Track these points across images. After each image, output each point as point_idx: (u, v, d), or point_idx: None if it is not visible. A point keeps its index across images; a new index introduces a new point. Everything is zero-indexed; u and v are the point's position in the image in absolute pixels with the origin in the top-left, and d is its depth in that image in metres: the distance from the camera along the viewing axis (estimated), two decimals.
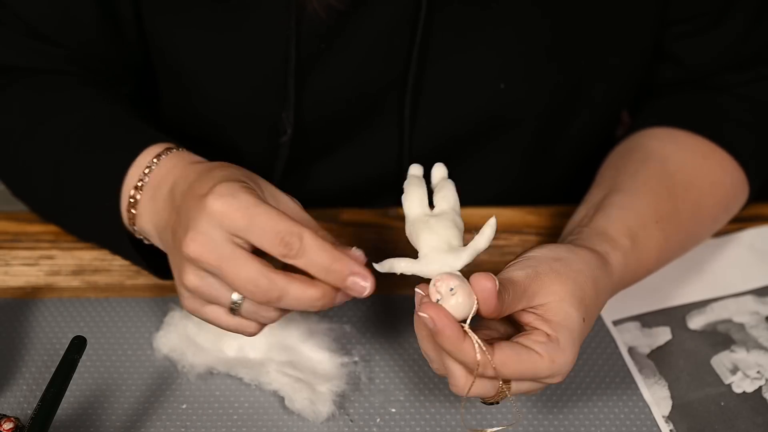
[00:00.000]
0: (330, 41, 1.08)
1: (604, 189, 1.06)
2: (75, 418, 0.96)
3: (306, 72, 1.09)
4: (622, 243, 0.98)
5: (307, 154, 1.16)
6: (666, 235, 1.03)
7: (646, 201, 1.04)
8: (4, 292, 1.07)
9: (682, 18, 1.13)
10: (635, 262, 0.99)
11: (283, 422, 0.96)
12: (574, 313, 0.88)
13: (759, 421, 0.98)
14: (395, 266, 0.86)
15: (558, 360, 0.86)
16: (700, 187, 1.08)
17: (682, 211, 1.05)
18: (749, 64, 1.15)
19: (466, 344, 0.83)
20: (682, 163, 1.09)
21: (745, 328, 1.05)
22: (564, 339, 0.86)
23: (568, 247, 0.94)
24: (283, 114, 1.11)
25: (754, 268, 1.11)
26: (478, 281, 0.84)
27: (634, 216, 1.02)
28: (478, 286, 0.84)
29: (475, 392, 0.85)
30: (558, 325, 0.87)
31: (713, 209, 1.09)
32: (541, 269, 0.89)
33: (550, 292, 0.88)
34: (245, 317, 0.88)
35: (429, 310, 0.83)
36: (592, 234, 0.99)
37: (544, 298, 0.88)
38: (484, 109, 1.13)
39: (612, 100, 1.18)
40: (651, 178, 1.06)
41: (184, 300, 0.89)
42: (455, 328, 0.82)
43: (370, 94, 1.12)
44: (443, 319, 0.82)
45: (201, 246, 0.85)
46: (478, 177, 1.20)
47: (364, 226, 1.14)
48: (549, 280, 0.88)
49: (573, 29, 1.10)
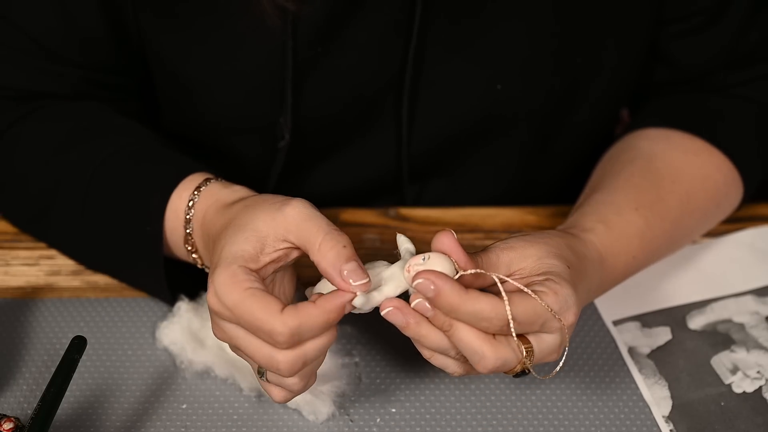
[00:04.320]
0: (326, 45, 1.07)
1: (588, 191, 1.07)
2: (75, 418, 0.96)
3: (303, 77, 1.09)
4: (592, 227, 0.99)
5: (305, 157, 1.16)
6: (648, 221, 1.03)
7: (625, 193, 1.04)
8: (4, 292, 1.07)
9: (677, 17, 1.13)
10: (613, 243, 0.99)
11: (283, 422, 0.96)
12: (556, 262, 0.88)
13: (759, 421, 0.98)
14: (371, 300, 0.86)
15: (560, 291, 0.86)
16: (690, 181, 1.08)
17: (667, 200, 1.05)
18: (746, 63, 1.15)
19: (470, 293, 0.83)
20: (671, 158, 1.09)
21: (745, 328, 1.05)
22: (557, 278, 0.87)
23: (538, 232, 0.94)
24: (280, 119, 1.11)
25: (754, 268, 1.11)
26: (437, 239, 0.85)
27: (609, 207, 1.02)
28: (439, 243, 0.85)
29: (501, 356, 0.84)
30: (546, 273, 0.87)
31: (704, 203, 1.09)
32: (509, 241, 0.90)
33: (526, 255, 0.89)
34: (272, 382, 0.88)
35: (421, 274, 0.83)
36: (563, 227, 1.00)
37: (522, 263, 0.88)
38: (481, 109, 1.13)
39: (609, 98, 1.18)
40: (634, 174, 1.06)
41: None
42: (453, 281, 0.83)
43: (367, 96, 1.12)
44: (439, 276, 0.83)
45: (214, 315, 0.87)
46: (477, 176, 1.20)
47: (364, 226, 1.14)
48: (521, 246, 0.89)
49: (570, 29, 1.10)
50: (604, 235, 0.99)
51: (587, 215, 1.01)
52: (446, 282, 0.83)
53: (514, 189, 1.21)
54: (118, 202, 1.02)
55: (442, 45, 1.09)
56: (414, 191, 1.20)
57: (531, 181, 1.22)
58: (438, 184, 1.20)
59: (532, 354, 0.85)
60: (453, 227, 1.13)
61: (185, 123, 1.17)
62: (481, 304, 0.83)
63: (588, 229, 0.99)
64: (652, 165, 1.07)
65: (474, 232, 1.14)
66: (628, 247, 1.01)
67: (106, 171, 1.03)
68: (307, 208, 0.88)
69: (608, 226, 1.00)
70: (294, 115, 1.11)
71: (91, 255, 1.07)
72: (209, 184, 0.98)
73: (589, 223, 1.00)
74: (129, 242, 1.02)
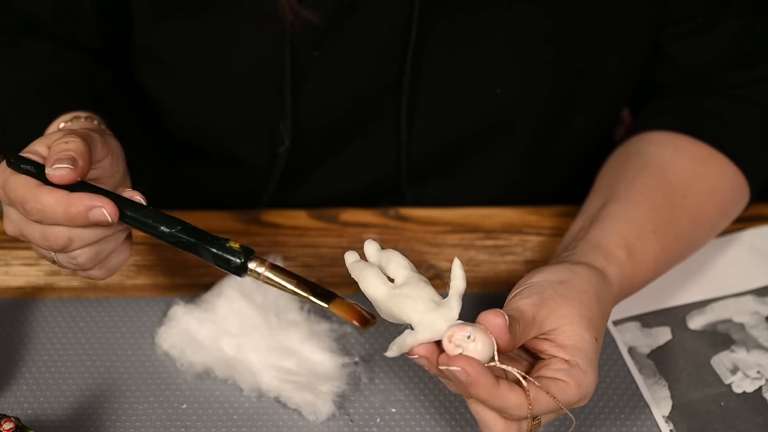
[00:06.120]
0: (324, 50, 1.07)
1: (601, 198, 1.06)
2: (75, 418, 0.96)
3: (302, 81, 1.09)
4: (617, 255, 0.98)
5: (305, 161, 1.16)
6: (663, 245, 1.03)
7: (643, 210, 1.04)
8: (4, 292, 1.07)
9: (679, 18, 1.13)
10: (632, 274, 0.99)
11: (283, 422, 0.96)
12: (586, 335, 0.88)
13: (759, 421, 0.98)
14: (404, 345, 0.84)
15: (583, 383, 0.86)
16: (699, 194, 1.08)
17: (680, 219, 1.05)
18: (748, 64, 1.14)
19: (501, 388, 0.82)
20: (681, 169, 1.08)
21: (745, 328, 1.05)
22: (583, 362, 0.86)
23: (568, 267, 0.93)
24: (280, 124, 1.11)
25: (754, 268, 1.11)
26: (488, 318, 0.83)
27: (630, 227, 1.02)
28: (489, 324, 0.83)
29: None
30: (573, 348, 0.87)
31: (712, 215, 1.09)
32: (546, 295, 0.89)
33: (560, 316, 0.88)
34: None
35: (459, 362, 0.81)
36: (587, 248, 0.99)
37: (555, 323, 0.87)
38: (481, 113, 1.13)
39: (610, 99, 1.18)
40: (648, 186, 1.06)
41: None
42: (489, 374, 0.81)
43: (367, 99, 1.12)
44: (476, 368, 0.81)
45: None
46: (477, 179, 1.20)
47: (364, 226, 1.14)
48: (556, 304, 0.88)
49: (569, 32, 1.10)
50: (626, 265, 0.99)
51: (609, 234, 1.00)
52: (481, 376, 0.81)
53: (514, 190, 1.21)
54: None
55: (441, 49, 1.09)
56: (413, 193, 1.20)
57: (531, 182, 1.22)
58: (437, 186, 1.20)
59: (539, 426, 0.86)
60: (453, 227, 1.14)
61: (184, 126, 1.17)
62: (509, 402, 0.82)
63: (613, 258, 0.98)
64: (664, 176, 1.07)
65: (474, 232, 1.14)
66: (644, 273, 1.01)
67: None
68: None
69: (630, 254, 0.99)
70: (293, 120, 1.10)
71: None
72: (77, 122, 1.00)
73: (612, 246, 0.99)
74: None
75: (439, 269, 1.10)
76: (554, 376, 0.85)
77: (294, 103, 1.09)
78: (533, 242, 1.13)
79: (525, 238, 1.14)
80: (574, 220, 1.07)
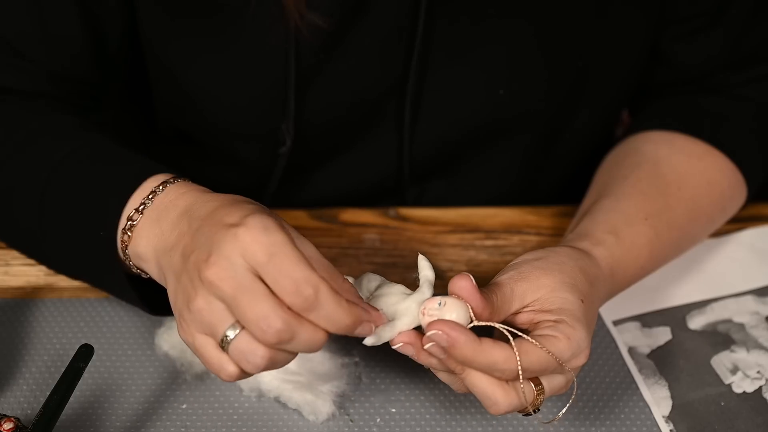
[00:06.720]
0: (328, 52, 1.07)
1: (594, 196, 1.07)
2: (75, 418, 0.96)
3: (305, 83, 1.09)
4: (603, 238, 0.99)
5: (306, 161, 1.16)
6: (657, 231, 1.03)
7: (634, 201, 1.04)
8: (4, 292, 1.07)
9: (679, 18, 1.13)
10: (624, 258, 0.99)
11: (283, 422, 0.96)
12: (570, 296, 0.88)
13: (759, 421, 0.98)
14: (383, 335, 0.85)
15: (573, 336, 0.86)
16: (696, 187, 1.08)
17: (675, 208, 1.05)
18: (747, 64, 1.14)
19: (485, 344, 0.83)
20: (676, 163, 1.09)
21: (745, 328, 1.05)
22: (569, 318, 0.87)
23: (548, 248, 0.94)
24: (282, 125, 1.11)
25: (754, 268, 1.11)
26: (455, 282, 0.84)
27: (618, 215, 1.02)
28: (456, 287, 0.84)
29: (513, 401, 0.84)
30: (558, 310, 0.87)
31: (709, 208, 1.09)
32: (523, 269, 0.89)
33: (541, 286, 0.88)
34: (231, 356, 0.81)
35: (435, 325, 0.82)
36: (574, 237, 1.00)
37: (537, 293, 0.88)
38: (484, 114, 1.13)
39: (611, 100, 1.18)
40: (641, 180, 1.06)
41: (184, 325, 0.83)
42: (468, 332, 0.82)
43: (370, 101, 1.12)
44: (454, 326, 0.82)
45: (222, 271, 0.80)
46: (478, 179, 1.20)
47: (364, 226, 1.14)
48: (535, 276, 0.89)
49: (571, 33, 1.10)
50: (614, 247, 0.99)
51: (597, 224, 1.01)
52: (461, 334, 0.82)
53: (515, 190, 1.21)
54: (74, 206, 0.96)
55: (445, 50, 1.09)
56: (414, 193, 1.20)
57: (532, 182, 1.22)
58: (439, 186, 1.20)
59: (543, 394, 0.86)
60: (453, 227, 1.14)
61: (184, 127, 1.17)
62: (494, 357, 0.83)
63: (599, 241, 0.98)
64: (658, 170, 1.07)
65: (474, 232, 1.14)
66: (637, 258, 1.01)
67: (63, 173, 0.97)
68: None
69: (619, 238, 0.99)
70: (296, 120, 1.10)
71: (55, 260, 1.02)
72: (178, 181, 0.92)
73: (599, 233, 0.99)
74: (86, 248, 0.95)
75: (439, 269, 1.10)
76: (542, 333, 0.85)
77: (297, 104, 1.09)
78: (533, 242, 1.13)
79: (525, 238, 1.14)
80: (572, 220, 1.07)
